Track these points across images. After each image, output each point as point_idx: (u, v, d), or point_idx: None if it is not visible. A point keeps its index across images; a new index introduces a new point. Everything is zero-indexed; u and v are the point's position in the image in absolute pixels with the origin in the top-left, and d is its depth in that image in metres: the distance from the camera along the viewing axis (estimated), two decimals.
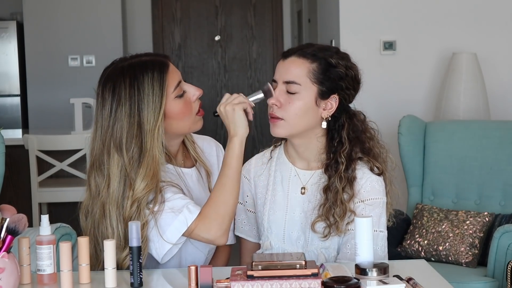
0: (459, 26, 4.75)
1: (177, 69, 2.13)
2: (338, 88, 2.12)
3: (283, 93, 2.12)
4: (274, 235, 2.19)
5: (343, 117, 2.15)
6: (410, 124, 3.82)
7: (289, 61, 2.13)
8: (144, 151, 2.02)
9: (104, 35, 6.89)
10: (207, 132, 2.35)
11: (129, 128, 2.03)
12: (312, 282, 1.71)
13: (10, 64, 7.12)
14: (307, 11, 6.68)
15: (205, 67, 7.47)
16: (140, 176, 2.01)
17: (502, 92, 4.74)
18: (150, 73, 2.04)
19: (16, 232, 1.80)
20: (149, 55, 2.12)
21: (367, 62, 4.78)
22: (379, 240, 2.12)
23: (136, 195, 2.01)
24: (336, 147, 2.14)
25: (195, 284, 1.77)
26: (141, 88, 2.03)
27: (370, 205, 2.13)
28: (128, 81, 2.03)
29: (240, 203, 2.29)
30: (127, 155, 2.02)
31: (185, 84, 2.14)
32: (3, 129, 3.84)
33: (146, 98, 2.03)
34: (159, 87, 2.04)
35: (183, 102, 2.10)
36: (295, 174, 2.21)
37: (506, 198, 3.62)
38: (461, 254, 3.37)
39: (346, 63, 2.14)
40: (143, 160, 2.02)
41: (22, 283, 1.89)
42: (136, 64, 2.06)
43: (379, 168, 2.16)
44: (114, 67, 2.09)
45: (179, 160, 2.21)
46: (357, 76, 2.17)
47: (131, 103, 2.02)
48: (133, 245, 1.85)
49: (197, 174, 2.23)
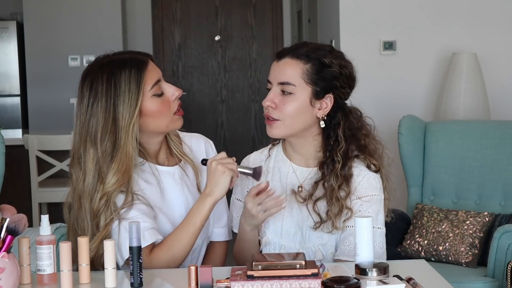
0: (459, 26, 4.75)
1: (158, 68, 2.16)
2: (332, 88, 2.13)
3: (278, 94, 2.13)
4: (271, 230, 2.20)
5: (338, 115, 2.16)
6: (410, 124, 3.82)
7: (283, 62, 2.14)
8: (117, 147, 2.06)
9: (104, 35, 6.89)
10: (207, 131, 2.37)
11: (104, 123, 2.06)
12: (312, 282, 1.71)
13: (10, 64, 7.12)
14: (307, 11, 6.68)
15: (205, 67, 7.47)
16: (112, 171, 2.05)
17: (502, 92, 4.74)
18: (127, 70, 2.07)
19: (16, 232, 1.80)
20: (131, 53, 2.16)
21: (367, 62, 4.81)
22: (377, 236, 2.13)
23: (106, 189, 2.05)
24: (332, 145, 2.15)
25: (195, 284, 1.77)
26: (117, 84, 2.06)
27: (367, 201, 2.14)
28: (106, 77, 2.07)
29: (238, 200, 2.30)
30: (101, 149, 2.06)
31: (164, 83, 2.16)
32: (3, 129, 3.84)
33: (122, 95, 2.06)
34: (136, 85, 2.07)
35: (161, 101, 2.12)
36: (292, 171, 2.22)
37: (506, 198, 3.62)
38: (461, 254, 3.37)
39: (340, 61, 2.14)
40: (116, 155, 2.06)
41: (22, 283, 1.89)
42: (115, 60, 2.10)
43: (375, 165, 2.17)
44: (94, 63, 2.13)
45: (161, 158, 2.23)
46: (352, 73, 2.17)
47: (107, 99, 2.06)
48: (133, 245, 1.85)
49: (180, 173, 2.23)
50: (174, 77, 7.40)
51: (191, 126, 7.40)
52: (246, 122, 7.48)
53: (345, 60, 2.17)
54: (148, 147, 2.19)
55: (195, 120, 7.40)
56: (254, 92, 7.49)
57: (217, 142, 7.42)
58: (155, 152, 2.21)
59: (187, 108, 7.43)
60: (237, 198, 2.31)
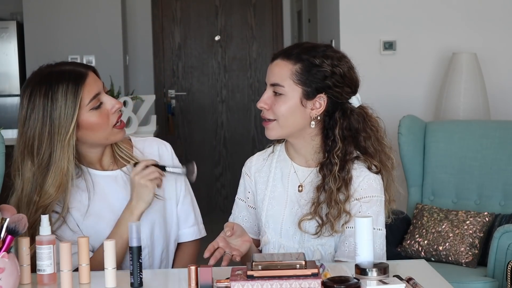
0: (459, 26, 4.75)
1: (99, 80, 2.16)
2: (325, 87, 2.11)
3: (271, 95, 2.15)
4: (271, 229, 2.21)
5: (336, 115, 2.14)
6: (410, 124, 3.82)
7: (274, 63, 2.16)
8: (52, 161, 2.07)
9: (104, 35, 6.89)
10: (207, 132, 2.37)
11: (40, 135, 2.08)
12: (312, 282, 1.71)
13: (10, 64, 7.11)
14: (307, 11, 6.68)
15: (205, 67, 7.46)
16: (46, 184, 2.07)
17: (502, 92, 4.74)
18: (65, 85, 2.08)
19: (16, 232, 1.80)
20: (72, 65, 2.17)
21: (367, 62, 4.81)
22: (377, 238, 2.12)
23: (41, 203, 2.07)
24: (330, 146, 2.14)
25: (195, 284, 1.77)
26: (54, 98, 2.07)
27: (367, 202, 2.12)
28: (44, 90, 2.08)
29: (241, 200, 2.32)
30: (37, 161, 2.08)
31: (105, 96, 2.15)
32: (3, 129, 3.84)
33: (59, 110, 2.07)
34: (73, 99, 2.07)
35: (98, 114, 2.12)
36: (294, 171, 2.22)
37: (506, 198, 3.62)
38: (461, 254, 3.37)
39: (333, 61, 2.12)
40: (51, 169, 2.07)
41: (22, 283, 1.89)
42: (54, 73, 2.11)
43: (376, 166, 2.16)
44: (36, 73, 2.15)
45: (106, 163, 2.23)
46: (348, 72, 2.15)
47: (44, 112, 2.07)
48: (133, 245, 1.85)
49: (124, 176, 2.23)
50: (174, 77, 7.40)
51: (191, 126, 7.44)
52: (246, 122, 7.48)
53: (339, 59, 2.14)
54: (89, 155, 2.20)
55: (195, 120, 7.40)
56: (254, 92, 7.48)
57: (217, 142, 7.42)
58: (97, 158, 2.21)
59: (187, 108, 7.44)
60: (240, 198, 2.33)
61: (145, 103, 5.30)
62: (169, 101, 7.37)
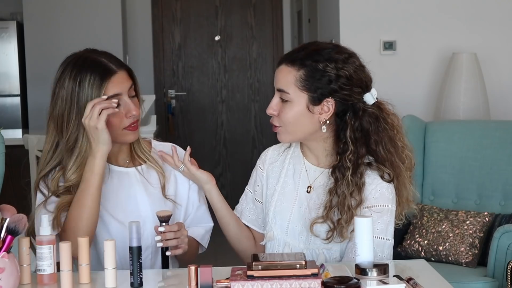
0: (459, 26, 4.75)
1: (127, 82, 2.16)
2: (331, 91, 2.08)
3: (279, 101, 2.13)
4: (278, 226, 2.20)
5: (347, 116, 2.11)
6: (410, 124, 3.82)
7: (279, 69, 2.13)
8: (77, 145, 2.13)
9: (104, 35, 6.88)
10: (207, 131, 2.38)
11: (68, 116, 2.12)
12: (312, 282, 1.71)
13: (10, 64, 7.11)
14: (307, 11, 6.68)
15: (205, 67, 7.46)
16: (68, 169, 2.13)
17: (502, 92, 4.75)
18: (93, 75, 2.11)
19: (16, 232, 1.80)
20: (109, 58, 2.18)
21: (367, 62, 4.80)
22: (385, 248, 2.09)
23: (67, 182, 2.13)
24: (342, 149, 2.11)
25: (195, 284, 1.77)
26: (81, 85, 2.12)
27: (379, 212, 2.08)
28: (74, 73, 2.13)
29: (250, 192, 2.32)
30: (65, 140, 2.13)
31: (127, 99, 2.16)
32: (3, 129, 3.83)
33: (85, 96, 2.11)
34: (96, 92, 2.11)
35: (112, 114, 2.12)
36: (305, 169, 2.21)
37: (506, 198, 3.62)
38: (461, 254, 3.37)
39: (337, 64, 2.08)
40: (74, 152, 2.13)
41: (22, 283, 1.89)
42: (89, 60, 2.15)
43: (390, 174, 2.12)
44: (76, 53, 2.21)
45: (122, 160, 2.27)
46: (355, 73, 2.11)
47: (72, 94, 2.12)
48: (133, 245, 1.85)
49: (139, 175, 2.26)
50: (174, 77, 7.40)
51: (191, 126, 7.44)
52: (246, 122, 7.48)
53: (345, 60, 2.11)
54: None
55: (195, 120, 7.40)
56: (254, 92, 7.49)
57: (217, 142, 7.42)
58: (113, 153, 2.22)
59: (187, 108, 7.44)
60: (249, 190, 2.33)
61: (145, 103, 5.29)
62: (169, 101, 7.37)
